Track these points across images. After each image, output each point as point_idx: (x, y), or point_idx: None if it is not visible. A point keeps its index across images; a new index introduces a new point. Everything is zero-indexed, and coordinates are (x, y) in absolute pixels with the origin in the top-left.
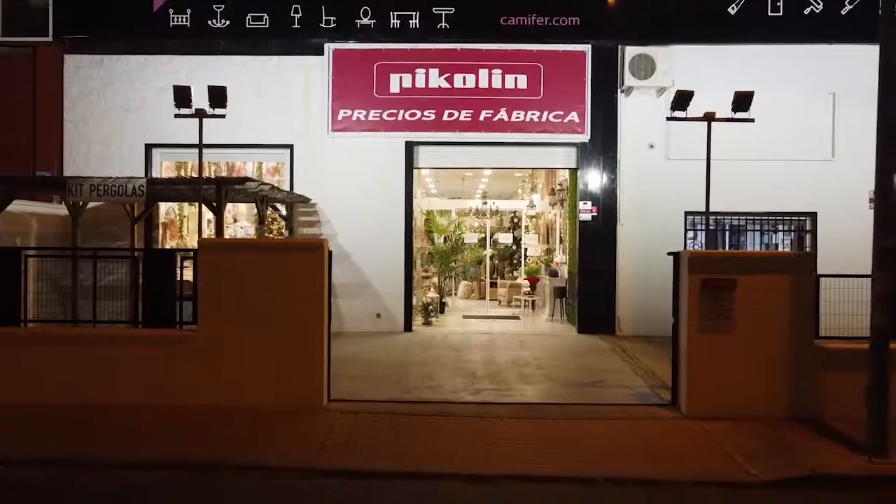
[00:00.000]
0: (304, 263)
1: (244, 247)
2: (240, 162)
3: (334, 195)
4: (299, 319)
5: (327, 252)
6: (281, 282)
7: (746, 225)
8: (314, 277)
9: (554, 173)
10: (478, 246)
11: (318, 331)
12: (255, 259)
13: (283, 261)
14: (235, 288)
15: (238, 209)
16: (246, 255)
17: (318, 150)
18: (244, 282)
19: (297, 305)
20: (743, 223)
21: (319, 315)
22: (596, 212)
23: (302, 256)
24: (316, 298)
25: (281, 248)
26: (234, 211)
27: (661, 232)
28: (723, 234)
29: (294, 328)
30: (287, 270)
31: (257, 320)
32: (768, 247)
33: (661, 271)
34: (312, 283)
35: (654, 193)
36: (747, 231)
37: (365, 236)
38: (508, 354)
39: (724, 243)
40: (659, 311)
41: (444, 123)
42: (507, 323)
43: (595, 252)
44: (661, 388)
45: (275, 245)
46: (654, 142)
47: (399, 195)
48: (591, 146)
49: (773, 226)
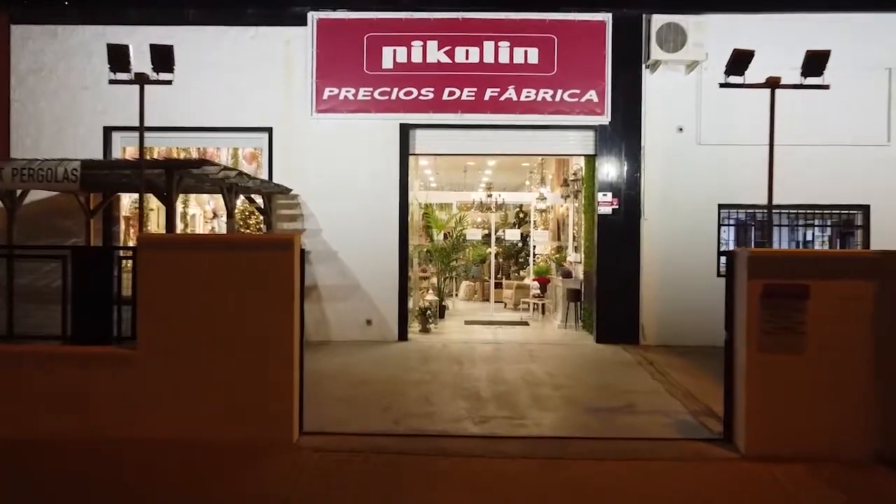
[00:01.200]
0: (270, 264)
1: (196, 244)
2: (212, 147)
3: (319, 185)
4: (264, 333)
5: (299, 250)
6: (241, 287)
7: (781, 219)
8: (282, 281)
9: (566, 162)
10: (481, 243)
11: (287, 346)
12: (210, 259)
13: (245, 261)
14: (184, 295)
15: (218, 202)
16: (198, 254)
17: (301, 133)
18: (195, 287)
19: (262, 316)
20: (784, 218)
21: (289, 327)
22: (617, 204)
23: (268, 256)
24: (284, 307)
25: (242, 245)
26: (214, 205)
27: (690, 227)
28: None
29: (257, 344)
30: (249, 273)
31: (211, 334)
32: (798, 245)
33: (691, 272)
34: (280, 287)
35: (684, 183)
36: (781, 227)
37: (354, 232)
38: (518, 369)
39: (751, 240)
40: (689, 318)
41: (443, 103)
42: (515, 330)
43: (615, 250)
44: (706, 415)
45: (234, 242)
46: (684, 124)
47: (393, 185)
48: (612, 129)
49: (814, 220)
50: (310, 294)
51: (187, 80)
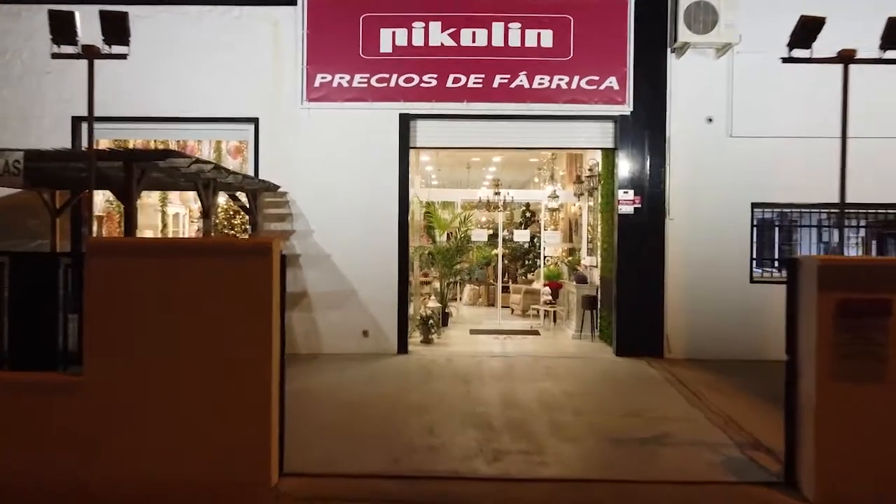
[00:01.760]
0: (244, 273)
1: (157, 250)
2: (193, 140)
3: (310, 182)
4: (237, 354)
5: (279, 257)
6: (210, 300)
7: (809, 220)
8: (259, 292)
9: (579, 157)
10: (486, 245)
11: (265, 370)
12: (174, 268)
13: (215, 270)
14: (141, 309)
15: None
16: (159, 261)
17: (290, 124)
18: (154, 300)
19: (235, 334)
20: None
21: (266, 346)
22: (639, 203)
23: (242, 263)
24: (261, 322)
25: (211, 251)
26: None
27: (720, 228)
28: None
29: (229, 367)
30: (219, 283)
31: (173, 357)
32: (827, 248)
33: (721, 278)
34: (257, 300)
35: (713, 180)
36: (800, 227)
37: (348, 233)
38: (532, 388)
39: (774, 243)
40: (719, 329)
41: (448, 91)
42: (525, 340)
43: (637, 253)
44: (755, 448)
45: (203, 248)
46: (714, 114)
47: (392, 182)
48: (634, 120)
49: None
50: (299, 302)
51: (164, 66)
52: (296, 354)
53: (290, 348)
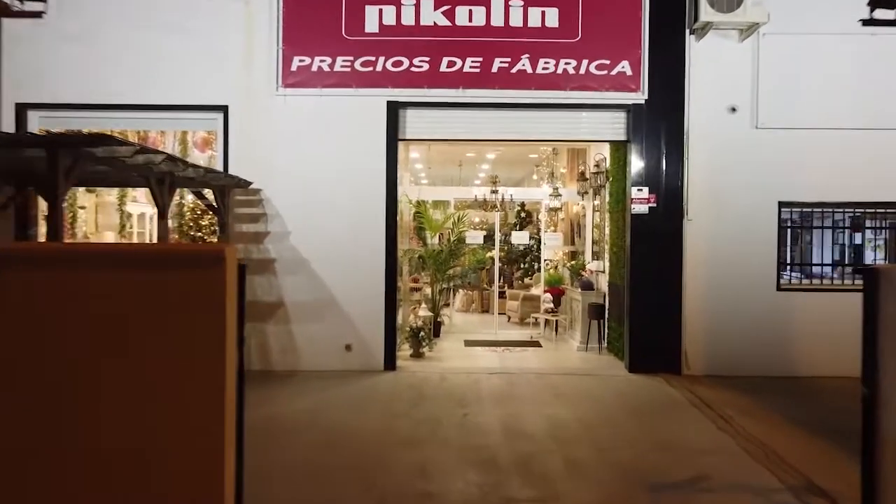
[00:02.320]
0: (189, 288)
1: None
2: (155, 131)
3: (286, 177)
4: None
5: (236, 267)
6: (144, 321)
7: (821, 220)
8: (207, 312)
9: (582, 152)
10: (481, 247)
11: (214, 408)
12: (97, 282)
13: (150, 284)
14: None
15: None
16: (76, 274)
17: (264, 113)
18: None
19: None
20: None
21: (216, 378)
22: (655, 202)
23: (185, 276)
24: (210, 349)
25: (144, 261)
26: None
27: (745, 230)
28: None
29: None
30: (157, 301)
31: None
32: (844, 249)
33: (746, 285)
34: (204, 321)
35: (737, 176)
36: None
37: (330, 235)
38: (540, 414)
39: (798, 246)
40: (743, 343)
41: (441, 76)
42: (526, 353)
43: (652, 258)
44: (810, 491)
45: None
46: (738, 103)
47: (378, 178)
48: (649, 110)
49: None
50: (274, 313)
51: (123, 48)
52: (271, 372)
53: (265, 365)
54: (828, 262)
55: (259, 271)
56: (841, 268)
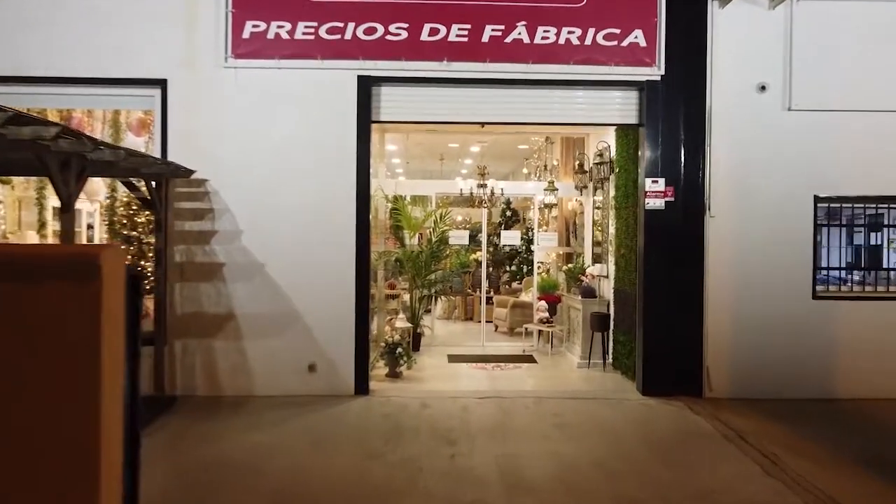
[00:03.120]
0: (51, 308)
1: None
2: (80, 110)
3: (238, 166)
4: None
5: (123, 278)
6: None
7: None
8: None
9: (581, 142)
10: (466, 248)
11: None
12: None
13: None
14: None
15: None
16: None
17: (210, 89)
18: None
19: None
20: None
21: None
22: (672, 195)
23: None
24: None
25: None
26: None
27: (775, 228)
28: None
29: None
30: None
31: None
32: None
33: (777, 293)
34: (73, 350)
35: (766, 166)
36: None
37: (290, 235)
38: (544, 453)
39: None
40: (774, 360)
41: (422, 46)
42: (520, 371)
43: (669, 260)
44: None
45: None
46: (768, 81)
47: (347, 168)
48: (666, 88)
49: None
50: (223, 327)
51: (46, 10)
52: (219, 398)
53: (212, 389)
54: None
55: (204, 277)
56: (868, 272)
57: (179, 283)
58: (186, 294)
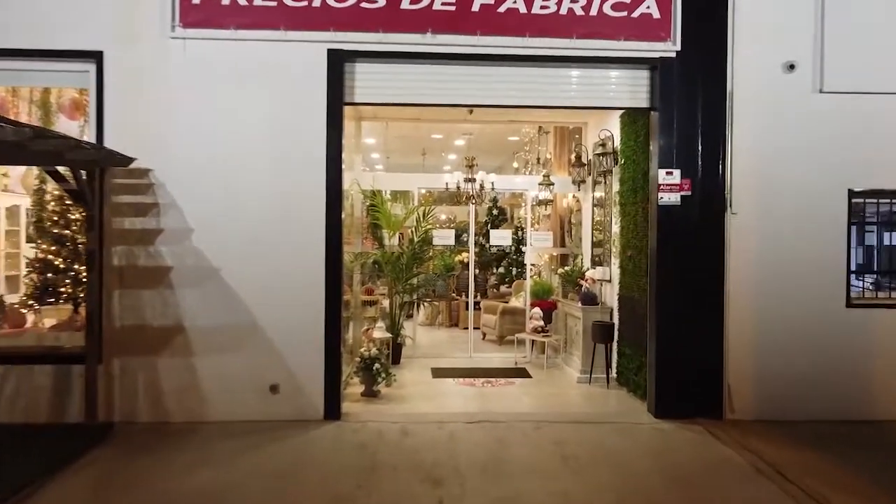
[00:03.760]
0: None
1: None
2: (4, 89)
3: (186, 155)
4: None
5: None
6: None
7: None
8: None
9: (579, 131)
10: (449, 250)
11: None
12: None
13: None
14: None
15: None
16: None
17: (154, 63)
18: None
19: None
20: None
21: None
22: (688, 189)
23: None
24: None
25: None
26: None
27: (805, 227)
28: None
29: None
30: None
31: None
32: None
33: (806, 299)
34: None
35: (795, 156)
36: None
37: (248, 234)
38: (548, 493)
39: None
40: (804, 376)
41: (402, 16)
42: (513, 388)
43: (685, 263)
44: None
45: None
46: (798, 58)
47: (316, 157)
48: (682, 66)
49: None
50: (170, 341)
51: None
52: (165, 425)
53: (156, 414)
54: None
55: (148, 283)
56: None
57: (118, 290)
58: (126, 303)
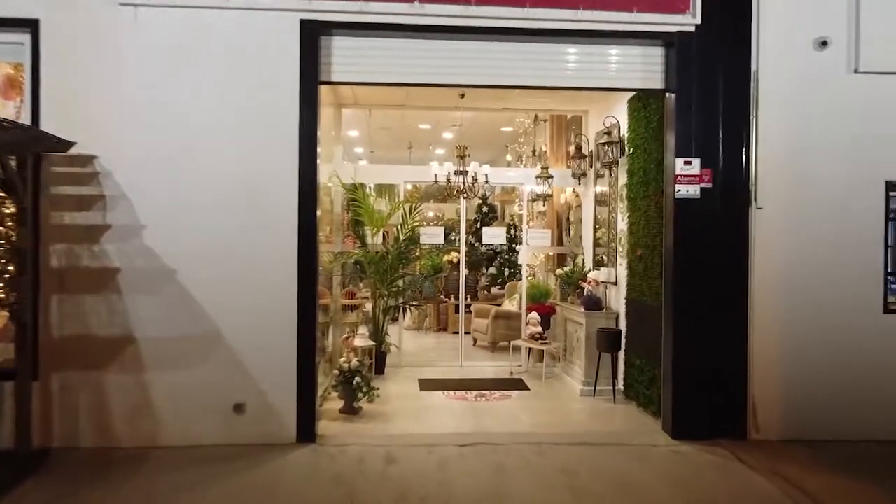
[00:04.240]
0: None
1: None
2: None
3: (138, 141)
4: None
5: None
6: None
7: None
8: None
9: (578, 121)
10: (437, 249)
11: None
12: None
13: None
14: None
15: None
16: None
17: (99, 34)
18: None
19: None
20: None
21: None
22: (709, 180)
23: None
24: None
25: None
26: None
27: (838, 223)
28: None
29: None
30: None
31: None
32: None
33: (839, 304)
34: None
35: (826, 143)
36: None
37: (209, 232)
38: None
39: None
40: (836, 391)
41: None
42: (510, 403)
43: (704, 263)
44: None
45: None
46: (830, 34)
47: (287, 143)
48: (701, 43)
49: None
50: (119, 354)
51: None
52: (112, 451)
53: (101, 439)
54: None
55: (92, 288)
56: None
57: (58, 295)
58: (68, 311)
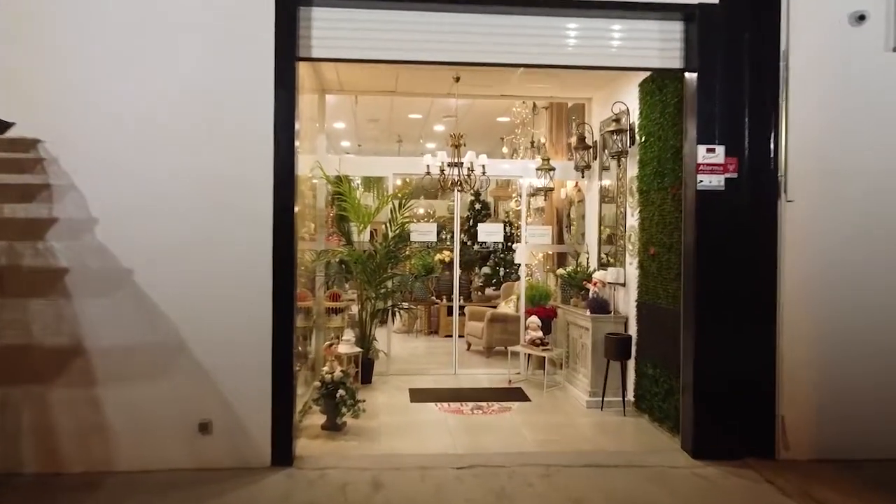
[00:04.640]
0: None
1: None
2: None
3: (90, 123)
4: None
5: None
6: None
7: None
8: None
9: (579, 110)
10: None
11: None
12: None
13: None
14: None
15: None
16: None
17: (46, 10)
18: None
19: None
20: None
21: None
22: (734, 170)
23: None
24: None
25: None
26: None
27: (875, 218)
28: None
29: None
30: None
31: None
32: None
33: (879, 306)
34: None
35: (864, 131)
36: None
37: (172, 227)
38: None
39: None
40: (875, 404)
41: None
42: (509, 416)
43: (727, 263)
44: None
45: None
46: (867, 8)
47: (261, 128)
48: (725, 17)
49: None
50: (65, 367)
51: None
52: (58, 477)
53: (48, 464)
54: None
55: (35, 290)
56: None
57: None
58: (7, 316)
